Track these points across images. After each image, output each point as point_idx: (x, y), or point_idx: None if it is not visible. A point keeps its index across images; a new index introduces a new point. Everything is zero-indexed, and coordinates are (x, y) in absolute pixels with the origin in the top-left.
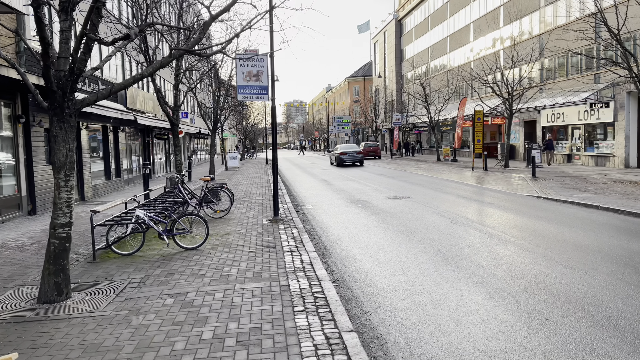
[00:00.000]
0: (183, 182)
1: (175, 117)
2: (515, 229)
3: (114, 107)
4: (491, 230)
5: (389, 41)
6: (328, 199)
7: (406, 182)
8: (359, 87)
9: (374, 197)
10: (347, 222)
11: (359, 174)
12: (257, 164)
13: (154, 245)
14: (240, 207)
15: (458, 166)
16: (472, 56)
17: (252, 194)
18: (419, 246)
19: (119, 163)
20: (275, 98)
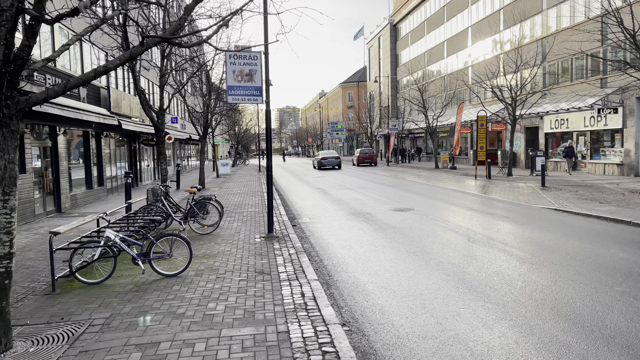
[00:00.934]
0: (167, 194)
1: (160, 121)
2: (544, 249)
3: (96, 111)
4: (517, 252)
5: (384, 46)
6: (326, 211)
7: (407, 191)
8: (353, 93)
9: (376, 208)
10: (351, 239)
11: (357, 183)
12: (250, 171)
13: (128, 271)
14: (231, 221)
15: (458, 174)
16: (471, 61)
17: (244, 204)
18: (439, 273)
19: (102, 171)
20: (270, 101)
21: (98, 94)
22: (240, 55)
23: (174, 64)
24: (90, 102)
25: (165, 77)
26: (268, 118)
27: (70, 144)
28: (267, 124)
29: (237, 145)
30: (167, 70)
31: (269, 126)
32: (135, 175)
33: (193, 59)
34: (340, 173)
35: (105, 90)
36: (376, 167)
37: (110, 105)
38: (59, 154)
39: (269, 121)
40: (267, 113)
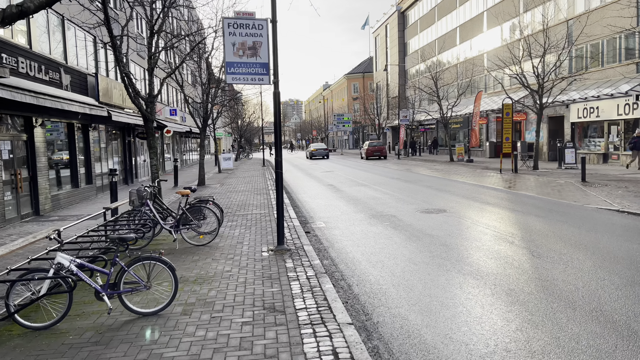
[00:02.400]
0: (157, 195)
1: (150, 110)
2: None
3: (81, 100)
4: (608, 274)
5: (391, 34)
6: (343, 213)
7: (430, 188)
8: (358, 84)
9: (400, 210)
10: (381, 252)
11: (371, 178)
12: (253, 165)
13: (91, 305)
14: (233, 226)
15: (477, 167)
16: (486, 47)
17: (247, 204)
18: (517, 310)
19: (90, 167)
20: (279, 81)
21: (85, 82)
22: (242, 24)
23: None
24: (74, 91)
25: (154, 58)
26: (277, 102)
27: (52, 137)
28: (276, 110)
29: (240, 139)
30: (156, 51)
31: (278, 113)
32: (130, 171)
33: (188, 36)
34: (351, 168)
35: (92, 77)
36: (386, 160)
37: (98, 95)
38: (36, 148)
39: (278, 107)
40: (275, 96)
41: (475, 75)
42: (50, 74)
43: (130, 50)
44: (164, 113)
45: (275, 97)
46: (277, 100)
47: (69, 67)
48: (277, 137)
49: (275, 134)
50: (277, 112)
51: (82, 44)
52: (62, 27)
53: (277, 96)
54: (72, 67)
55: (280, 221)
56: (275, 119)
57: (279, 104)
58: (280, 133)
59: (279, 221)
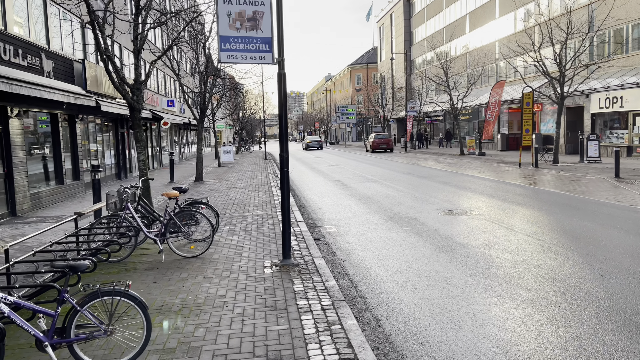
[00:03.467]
0: (141, 197)
1: (136, 98)
2: None
3: (65, 88)
4: None
5: (397, 23)
6: (355, 214)
7: (447, 184)
8: (362, 75)
9: (420, 210)
10: (409, 269)
11: (380, 173)
12: (255, 159)
13: (34, 356)
14: (230, 231)
15: (491, 161)
16: (499, 35)
17: (248, 204)
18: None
19: (77, 162)
20: (284, 60)
21: (71, 68)
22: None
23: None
24: (59, 78)
25: (141, 38)
26: (282, 86)
27: (32, 129)
28: (281, 95)
29: (240, 131)
30: (143, 30)
31: (284, 99)
32: (124, 166)
33: (179, 13)
34: (357, 161)
35: (79, 64)
36: (393, 153)
37: (86, 83)
38: (11, 142)
39: (284, 91)
40: (280, 79)
41: (487, 64)
42: (28, 59)
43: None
44: (161, 104)
45: (280, 80)
46: (282, 83)
47: (51, 52)
48: (283, 127)
49: (280, 124)
50: (282, 97)
51: (68, 28)
52: (44, 8)
53: (282, 78)
54: (55, 52)
55: (286, 231)
56: (280, 106)
57: (284, 88)
58: (285, 123)
59: (285, 231)
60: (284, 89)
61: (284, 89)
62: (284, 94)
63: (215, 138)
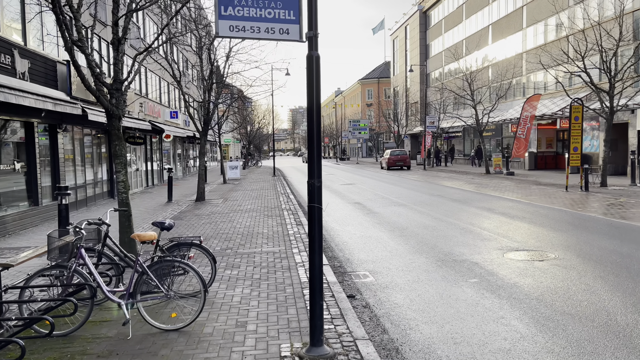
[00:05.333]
0: (107, 236)
1: (115, 102)
2: None
3: (45, 93)
4: None
5: (412, 36)
6: (393, 253)
7: (491, 210)
8: (373, 90)
9: (477, 249)
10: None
11: (405, 195)
12: (263, 175)
13: None
14: (232, 280)
15: (525, 182)
16: (527, 45)
17: (255, 234)
18: None
19: (57, 179)
20: (317, 35)
21: (53, 71)
22: None
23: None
24: (37, 81)
25: (120, 26)
26: (314, 73)
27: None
28: (312, 85)
29: (248, 145)
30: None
31: (316, 89)
32: None
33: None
34: (374, 180)
35: (64, 66)
36: (410, 171)
37: (70, 88)
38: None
39: (316, 80)
40: (312, 62)
41: (513, 77)
42: None
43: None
44: (164, 115)
45: (313, 65)
46: (314, 69)
47: (27, 50)
48: (314, 134)
49: (310, 129)
50: (313, 90)
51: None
52: None
53: (314, 63)
54: (32, 51)
55: (316, 305)
56: (312, 102)
57: (317, 77)
58: (318, 127)
59: (315, 304)
60: (316, 78)
61: (317, 78)
62: (317, 84)
63: (221, 152)
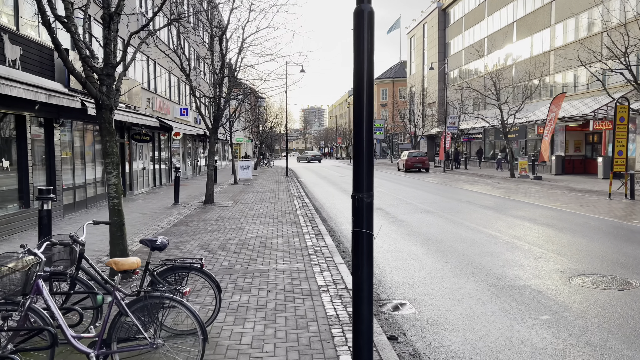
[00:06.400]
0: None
1: (106, 90)
2: None
3: (38, 83)
4: None
5: (430, 34)
6: (433, 274)
7: (533, 221)
8: (387, 90)
9: (535, 271)
10: None
11: (430, 200)
12: (275, 175)
13: None
14: (240, 310)
15: (555, 187)
16: (557, 42)
17: (268, 245)
18: None
19: (53, 177)
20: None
21: (50, 60)
22: None
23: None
24: (30, 70)
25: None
26: (364, 32)
27: None
28: (361, 48)
29: (260, 145)
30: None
31: (368, 54)
32: (123, 182)
33: None
34: (392, 182)
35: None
36: (429, 173)
37: (69, 79)
38: None
39: (369, 41)
40: (361, 19)
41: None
42: None
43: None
44: (173, 112)
45: (361, 23)
46: (364, 29)
47: (19, 36)
48: (364, 122)
49: (358, 117)
50: (363, 56)
51: None
52: None
53: (365, 20)
54: (25, 37)
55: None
56: (360, 75)
57: (369, 38)
58: (370, 113)
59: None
60: (368, 42)
61: (369, 41)
62: (369, 51)
63: (232, 152)
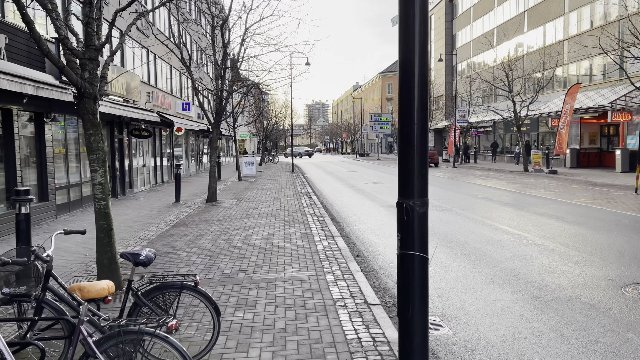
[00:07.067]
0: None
1: (89, 77)
2: None
3: (28, 75)
4: None
5: (437, 26)
6: (464, 284)
7: (561, 219)
8: (393, 84)
9: (581, 280)
10: None
11: (444, 196)
12: (280, 171)
13: None
14: (243, 332)
15: (574, 181)
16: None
17: (275, 249)
18: None
19: (45, 177)
20: None
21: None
22: None
23: None
24: (17, 61)
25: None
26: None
27: None
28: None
29: (265, 141)
30: None
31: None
32: (122, 179)
33: None
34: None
35: (53, 44)
36: (439, 168)
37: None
38: None
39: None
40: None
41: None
42: None
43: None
44: (175, 107)
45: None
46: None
47: (5, 24)
48: (414, 105)
49: (406, 97)
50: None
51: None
52: None
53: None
54: (12, 25)
55: None
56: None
57: None
58: (424, 92)
59: None
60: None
61: None
62: (423, 11)
63: (237, 147)
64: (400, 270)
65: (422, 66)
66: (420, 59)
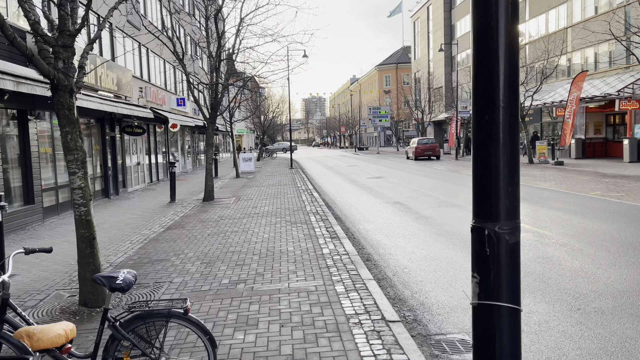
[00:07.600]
0: (4, 310)
1: (64, 67)
2: None
3: (7, 70)
4: None
5: (435, 17)
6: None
7: (582, 215)
8: (391, 76)
9: (623, 293)
10: None
11: (452, 191)
12: (279, 167)
13: None
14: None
15: (583, 172)
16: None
17: (276, 253)
18: None
19: (30, 178)
20: None
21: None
22: None
23: None
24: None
25: None
26: None
27: None
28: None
29: (262, 136)
30: None
31: None
32: (114, 178)
33: None
34: (404, 172)
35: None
36: (440, 161)
37: None
38: None
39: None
40: None
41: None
42: None
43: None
44: (169, 103)
45: None
46: None
47: None
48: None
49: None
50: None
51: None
52: None
53: None
54: None
55: None
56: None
57: None
58: (515, 71)
59: None
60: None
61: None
62: None
63: (234, 143)
64: (478, 327)
65: (510, 22)
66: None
